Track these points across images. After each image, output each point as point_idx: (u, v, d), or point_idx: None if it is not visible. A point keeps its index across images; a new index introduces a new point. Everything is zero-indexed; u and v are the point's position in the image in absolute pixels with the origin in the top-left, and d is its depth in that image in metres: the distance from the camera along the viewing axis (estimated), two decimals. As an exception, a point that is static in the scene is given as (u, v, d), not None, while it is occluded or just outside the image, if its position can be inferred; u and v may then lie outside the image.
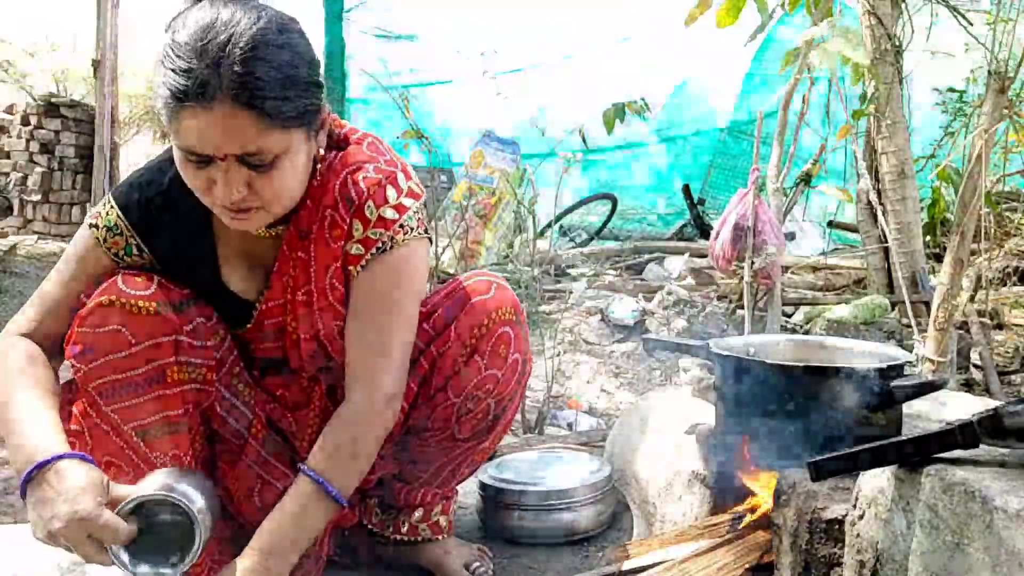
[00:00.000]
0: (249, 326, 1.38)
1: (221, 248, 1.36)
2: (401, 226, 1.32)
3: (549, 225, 4.71)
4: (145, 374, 1.24)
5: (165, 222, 1.33)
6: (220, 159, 1.14)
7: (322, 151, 1.31)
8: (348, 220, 1.31)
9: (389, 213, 1.31)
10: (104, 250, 1.34)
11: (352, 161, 1.33)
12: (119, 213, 1.33)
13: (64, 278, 1.34)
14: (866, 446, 1.08)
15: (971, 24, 3.14)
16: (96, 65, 6.87)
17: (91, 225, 1.35)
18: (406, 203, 1.33)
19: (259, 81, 1.11)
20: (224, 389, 1.37)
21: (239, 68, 1.10)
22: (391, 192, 1.32)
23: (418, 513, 1.56)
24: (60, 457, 1.13)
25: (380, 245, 1.31)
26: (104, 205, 1.36)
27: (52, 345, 1.30)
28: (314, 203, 1.32)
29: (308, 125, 1.22)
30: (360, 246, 1.31)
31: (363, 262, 1.31)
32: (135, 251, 1.34)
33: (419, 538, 1.56)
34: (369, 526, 1.58)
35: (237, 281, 1.37)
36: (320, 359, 1.41)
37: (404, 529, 1.56)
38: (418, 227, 1.34)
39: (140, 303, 1.24)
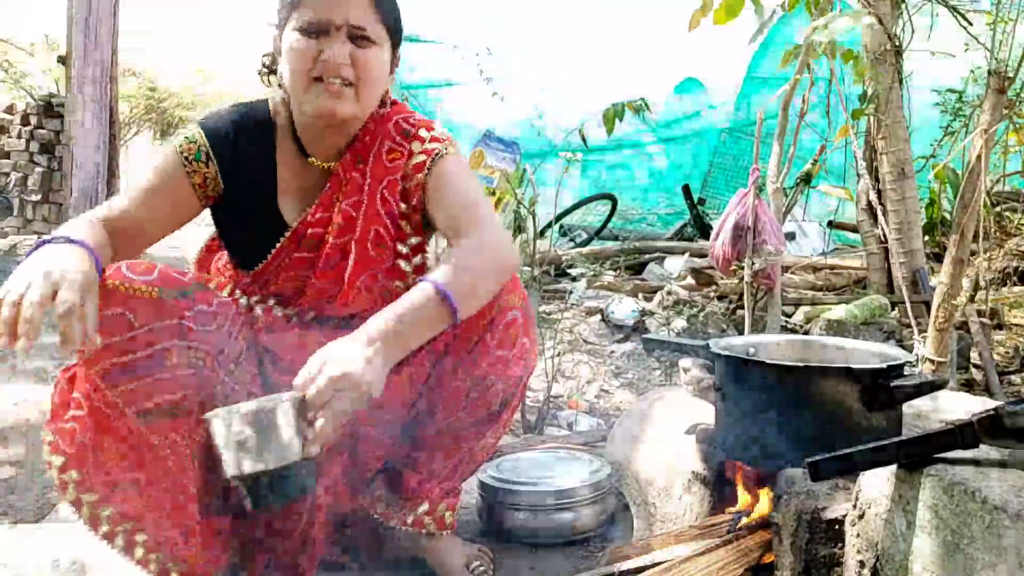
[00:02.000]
0: (286, 237, 1.49)
1: (280, 180, 1.52)
2: (451, 143, 1.54)
3: (549, 225, 4.71)
4: (146, 357, 1.25)
5: (235, 143, 1.49)
6: (336, 27, 1.39)
7: (390, 88, 1.55)
8: (406, 147, 1.52)
9: (439, 134, 1.56)
10: (178, 154, 1.47)
11: (402, 110, 1.59)
12: (198, 126, 1.51)
13: (142, 185, 1.47)
14: (866, 446, 1.08)
15: (971, 24, 3.14)
16: (64, 60, 6.86)
17: (173, 144, 1.52)
18: (446, 133, 1.58)
19: None
20: (224, 373, 1.39)
21: None
22: (435, 127, 1.57)
23: (424, 506, 1.57)
24: (71, 241, 1.23)
25: (438, 152, 1.52)
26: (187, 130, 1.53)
27: (116, 233, 1.39)
28: (372, 137, 1.52)
29: (394, 43, 1.49)
30: (423, 155, 1.51)
31: (428, 166, 1.50)
32: (203, 157, 1.48)
33: (424, 531, 1.58)
34: (375, 515, 1.59)
35: (289, 211, 1.52)
36: (338, 272, 1.48)
37: (410, 520, 1.57)
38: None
39: (142, 287, 1.26)
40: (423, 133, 1.54)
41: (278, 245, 1.49)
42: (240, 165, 1.49)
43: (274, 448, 1.13)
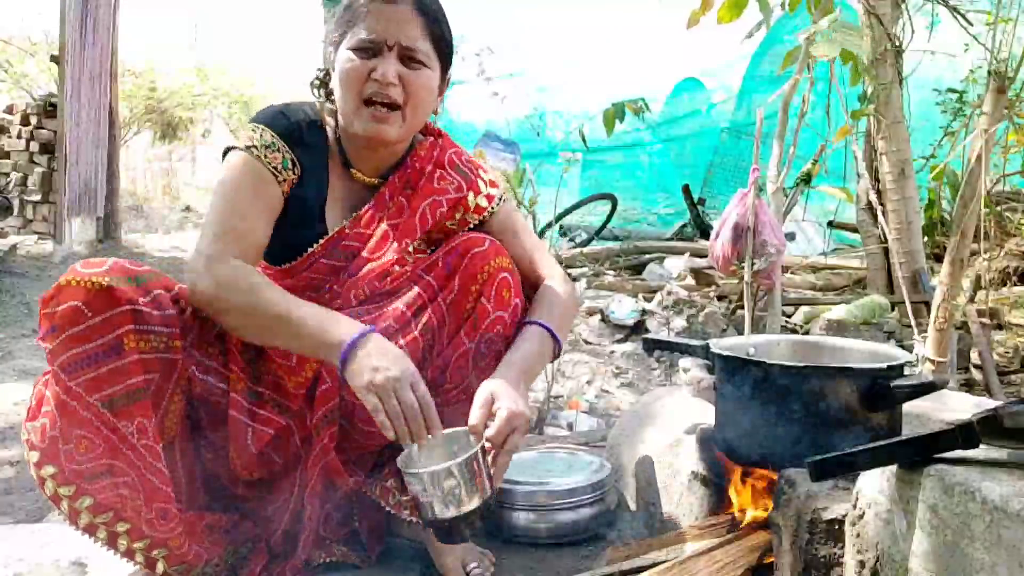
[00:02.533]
0: (320, 243, 1.53)
1: (330, 191, 1.57)
2: (502, 192, 1.67)
3: (549, 225, 4.71)
4: (103, 345, 1.28)
5: (303, 147, 1.53)
6: (388, 47, 1.45)
7: (438, 110, 1.60)
8: (460, 181, 1.61)
9: (493, 178, 1.67)
10: (265, 166, 1.47)
11: (453, 144, 1.67)
12: (271, 132, 1.50)
13: (238, 208, 1.45)
14: (866, 446, 1.08)
15: (971, 24, 3.14)
16: (56, 59, 6.85)
17: (246, 147, 1.48)
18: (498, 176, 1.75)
19: (432, 3, 1.50)
20: (196, 352, 1.41)
21: None
22: (488, 170, 1.70)
23: None
24: (374, 331, 1.34)
25: (498, 199, 1.65)
26: (250, 131, 1.50)
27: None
28: (421, 164, 1.60)
29: (443, 67, 1.54)
30: (486, 199, 1.63)
31: (491, 210, 1.62)
32: (290, 164, 1.51)
33: None
34: (388, 508, 1.59)
35: (330, 218, 1.56)
36: (361, 289, 1.53)
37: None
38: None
39: (95, 279, 1.28)
40: (483, 175, 1.65)
41: (311, 249, 1.53)
42: (307, 169, 1.53)
43: (474, 490, 1.28)
